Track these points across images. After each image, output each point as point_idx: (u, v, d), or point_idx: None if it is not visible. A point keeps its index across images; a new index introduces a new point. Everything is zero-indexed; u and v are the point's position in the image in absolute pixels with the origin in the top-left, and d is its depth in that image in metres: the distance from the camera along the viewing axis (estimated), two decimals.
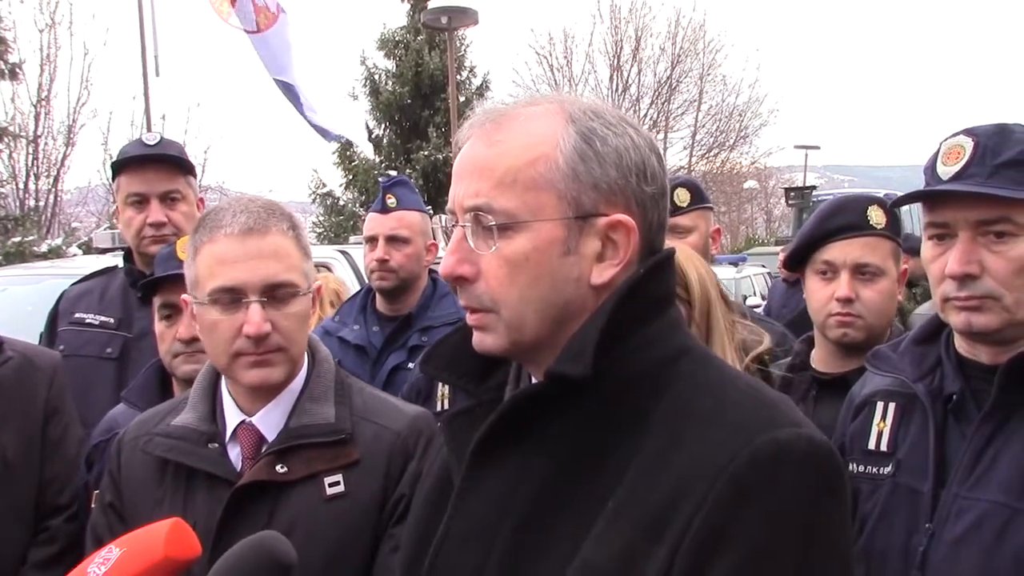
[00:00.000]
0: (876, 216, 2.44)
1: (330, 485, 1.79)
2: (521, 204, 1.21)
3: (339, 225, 22.83)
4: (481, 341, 1.27)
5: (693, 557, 1.07)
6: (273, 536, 1.40)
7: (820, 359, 2.58)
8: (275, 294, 1.79)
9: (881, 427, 1.94)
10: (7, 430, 2.30)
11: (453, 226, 1.27)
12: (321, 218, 24.36)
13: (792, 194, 26.13)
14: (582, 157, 1.21)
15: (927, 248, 1.82)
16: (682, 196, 3.31)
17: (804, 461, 1.10)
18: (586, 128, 1.23)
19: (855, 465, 1.96)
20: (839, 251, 2.44)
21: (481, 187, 1.22)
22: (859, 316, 2.43)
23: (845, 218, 2.46)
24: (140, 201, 3.14)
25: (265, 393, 1.86)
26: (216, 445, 1.85)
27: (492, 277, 1.22)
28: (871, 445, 1.94)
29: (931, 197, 1.78)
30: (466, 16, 13.03)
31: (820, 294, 2.48)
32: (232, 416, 1.88)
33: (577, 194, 1.21)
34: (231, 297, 1.78)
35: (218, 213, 1.85)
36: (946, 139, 1.80)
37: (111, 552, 1.48)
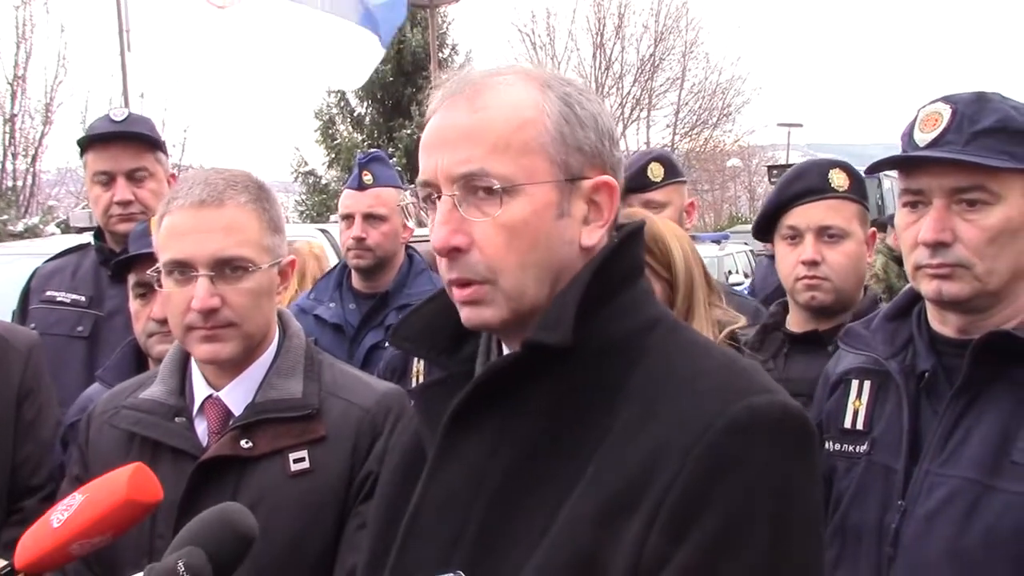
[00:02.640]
0: (838, 179, 2.44)
1: (295, 461, 1.77)
2: (517, 168, 1.20)
3: (322, 204, 22.73)
4: (478, 315, 1.24)
5: (672, 523, 1.07)
6: (236, 508, 1.40)
7: (794, 321, 2.59)
8: (225, 269, 1.76)
9: (857, 405, 1.94)
10: None
11: (432, 198, 1.25)
12: (303, 197, 24.26)
13: (775, 172, 26.10)
14: (566, 120, 1.23)
15: (901, 215, 1.81)
16: (656, 171, 3.29)
17: (778, 427, 1.12)
18: (564, 92, 1.25)
19: (831, 443, 1.96)
20: (802, 215, 2.46)
21: (473, 153, 1.20)
22: (825, 278, 2.44)
23: (806, 182, 2.47)
24: (107, 179, 3.09)
25: (231, 367, 1.83)
26: (183, 419, 1.83)
27: (489, 245, 1.21)
28: (847, 424, 1.94)
29: (907, 163, 1.78)
30: None
31: (787, 259, 2.50)
32: (200, 390, 1.86)
33: (565, 157, 1.23)
34: (182, 270, 1.77)
35: (182, 184, 1.84)
36: (924, 106, 1.79)
37: (74, 499, 1.50)
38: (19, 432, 2.34)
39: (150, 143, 3.15)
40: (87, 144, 3.15)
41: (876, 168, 1.91)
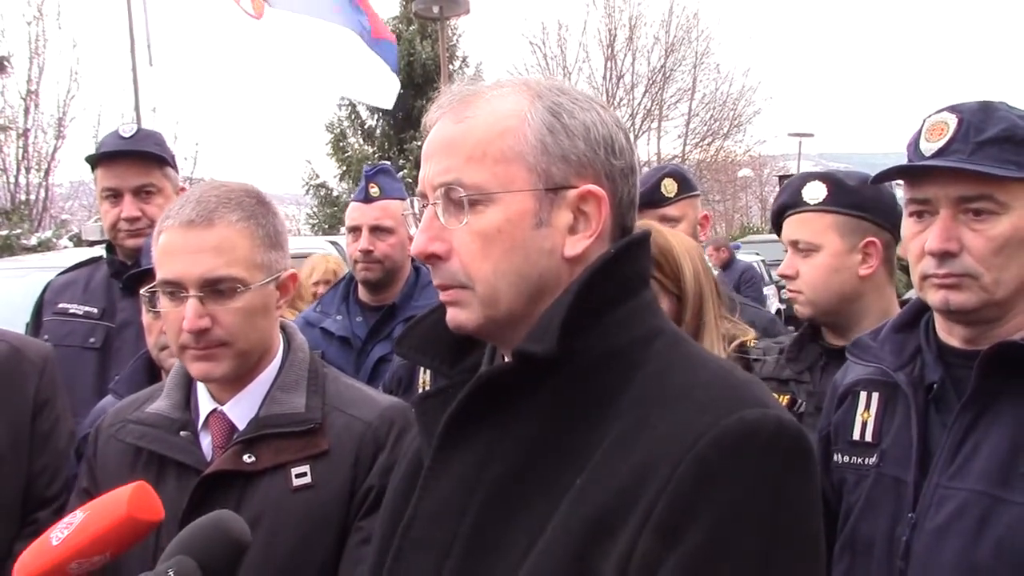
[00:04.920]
0: (811, 192, 2.44)
1: (297, 476, 1.76)
2: (491, 177, 1.21)
3: (333, 216, 22.79)
4: (455, 317, 1.26)
5: (657, 537, 1.06)
6: (227, 515, 1.40)
7: (827, 333, 2.55)
8: (215, 289, 1.76)
9: (865, 417, 1.92)
10: None
11: (423, 207, 1.27)
12: (315, 210, 24.34)
13: (786, 182, 26.14)
14: (550, 129, 1.22)
15: (907, 225, 1.80)
16: (669, 187, 3.30)
17: (770, 442, 1.10)
18: (553, 103, 1.24)
19: (840, 456, 1.95)
20: (783, 230, 2.51)
21: (451, 163, 1.23)
22: (798, 291, 2.46)
23: (782, 198, 2.53)
24: (114, 195, 3.14)
25: (234, 382, 1.83)
26: (188, 433, 1.83)
27: (465, 252, 1.22)
28: (856, 436, 1.92)
29: (913, 173, 1.77)
30: (457, 5, 12.98)
31: None
32: (204, 404, 1.86)
33: (547, 166, 1.22)
34: (173, 290, 1.77)
35: (177, 201, 1.84)
36: (930, 115, 1.78)
37: (74, 517, 1.49)
38: (35, 443, 2.35)
39: (157, 159, 3.18)
40: (96, 161, 3.19)
41: (882, 178, 1.90)
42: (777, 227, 2.56)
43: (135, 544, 1.54)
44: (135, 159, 3.13)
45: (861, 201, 2.40)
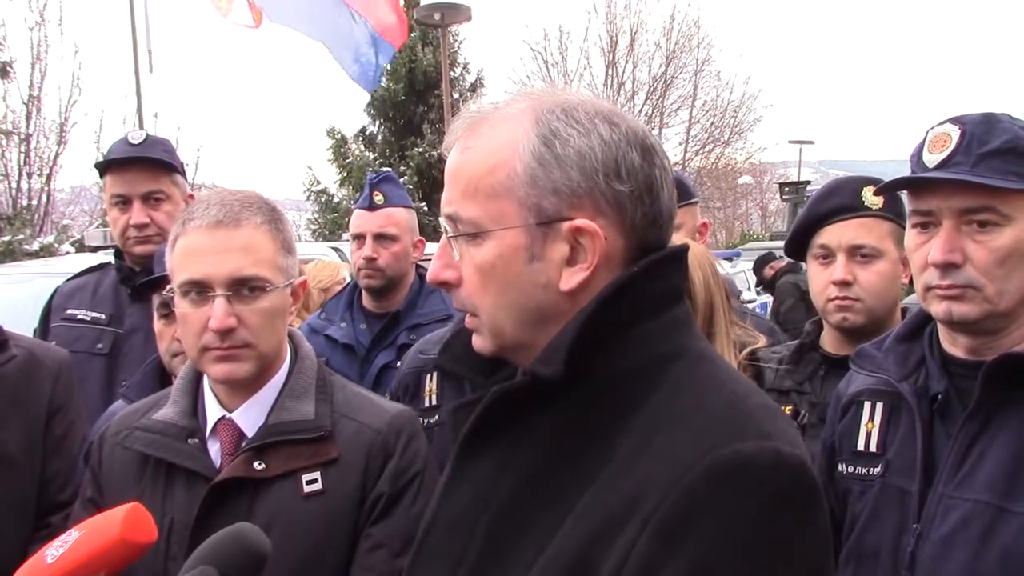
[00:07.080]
0: (871, 197, 2.38)
1: (308, 483, 1.78)
2: (484, 213, 1.21)
3: (334, 222, 22.79)
4: (475, 342, 1.30)
5: (642, 565, 1.05)
6: (248, 527, 1.40)
7: (828, 342, 2.53)
8: (242, 289, 1.77)
9: (869, 427, 1.92)
10: (9, 426, 2.29)
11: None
12: (316, 215, 24.34)
13: (787, 189, 26.38)
14: (540, 162, 1.19)
15: (910, 236, 1.81)
16: None
17: (764, 476, 1.06)
18: (548, 130, 1.19)
19: (844, 466, 1.95)
20: (834, 234, 2.39)
21: (452, 195, 1.24)
22: (858, 299, 2.37)
23: (838, 200, 2.41)
24: (123, 202, 3.14)
25: (244, 388, 1.84)
26: (196, 440, 1.83)
27: (469, 283, 1.24)
28: (860, 446, 1.93)
29: (916, 184, 1.77)
30: (459, 12, 12.97)
31: (819, 279, 2.44)
32: (213, 411, 1.87)
33: (537, 200, 1.19)
34: (198, 290, 1.77)
35: (195, 205, 1.85)
36: (933, 127, 1.78)
37: (70, 535, 1.50)
38: (48, 448, 2.37)
39: (166, 166, 3.18)
40: (105, 167, 3.19)
41: (886, 189, 1.92)
42: (810, 230, 2.45)
43: (130, 563, 1.54)
44: (144, 166, 3.14)
45: (901, 211, 2.38)
